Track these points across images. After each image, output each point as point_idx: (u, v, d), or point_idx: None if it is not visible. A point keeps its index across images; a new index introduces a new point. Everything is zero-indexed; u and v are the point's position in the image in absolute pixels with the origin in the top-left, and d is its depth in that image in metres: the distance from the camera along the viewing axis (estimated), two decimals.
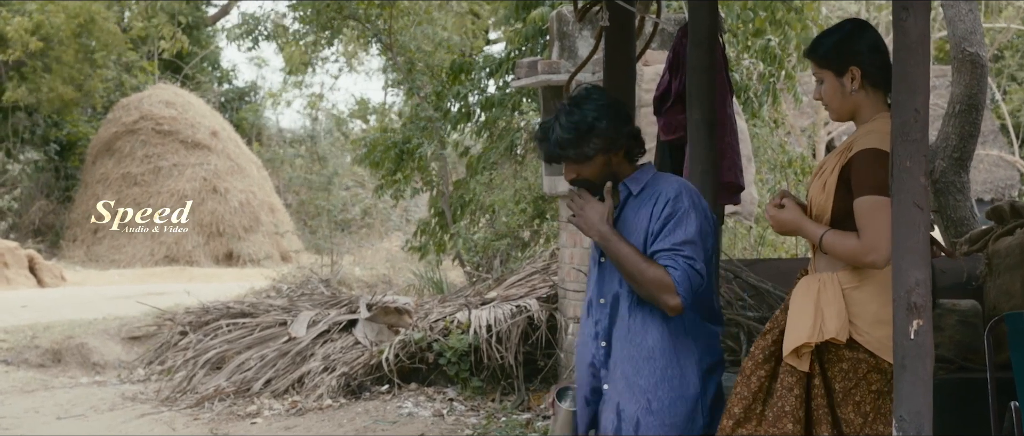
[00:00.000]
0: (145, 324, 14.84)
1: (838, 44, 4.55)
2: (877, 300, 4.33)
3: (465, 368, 11.37)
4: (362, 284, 18.13)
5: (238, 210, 31.57)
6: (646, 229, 4.59)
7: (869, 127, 4.46)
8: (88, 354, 14.15)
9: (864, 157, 4.34)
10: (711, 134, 6.23)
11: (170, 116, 32.39)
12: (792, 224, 4.58)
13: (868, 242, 4.27)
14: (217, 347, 12.60)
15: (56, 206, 33.02)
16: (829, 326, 4.37)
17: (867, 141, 4.37)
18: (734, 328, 8.25)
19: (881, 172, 4.23)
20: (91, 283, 25.75)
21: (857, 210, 4.32)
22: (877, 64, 4.51)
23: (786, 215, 4.59)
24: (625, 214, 4.70)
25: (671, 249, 4.50)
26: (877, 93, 4.52)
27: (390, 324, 12.06)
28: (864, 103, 4.53)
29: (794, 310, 4.52)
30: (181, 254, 30.46)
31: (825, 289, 4.44)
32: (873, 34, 4.58)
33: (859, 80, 4.51)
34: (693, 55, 6.17)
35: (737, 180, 6.73)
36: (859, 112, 4.55)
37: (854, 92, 4.52)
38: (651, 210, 4.60)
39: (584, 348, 4.80)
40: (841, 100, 4.57)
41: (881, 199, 4.22)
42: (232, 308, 13.71)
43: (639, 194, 4.69)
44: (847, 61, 4.52)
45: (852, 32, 4.56)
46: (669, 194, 4.59)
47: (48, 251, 30.63)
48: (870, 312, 4.35)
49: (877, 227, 4.24)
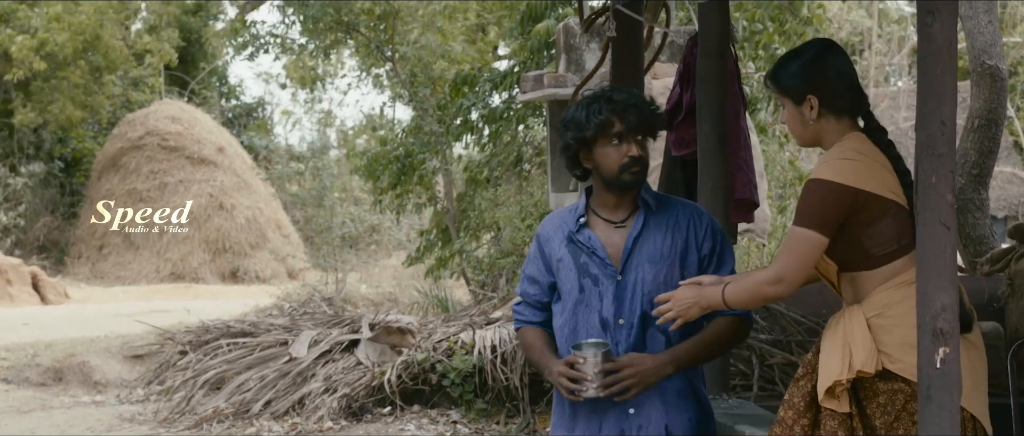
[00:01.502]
0: (147, 343, 14.77)
1: (796, 71, 4.32)
2: (904, 323, 4.08)
3: (469, 390, 11.13)
4: (367, 302, 18.03)
5: (244, 227, 31.47)
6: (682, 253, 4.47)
7: (827, 155, 4.25)
8: (90, 373, 14.06)
9: (807, 188, 4.16)
10: (723, 148, 5.95)
11: (176, 132, 32.32)
12: (691, 298, 4.30)
13: (776, 271, 4.13)
14: (217, 367, 12.43)
15: (61, 222, 32.96)
16: (857, 358, 4.14)
17: (817, 171, 4.18)
18: (746, 351, 8.02)
19: (819, 204, 4.07)
20: (95, 300, 25.66)
21: (785, 239, 4.18)
22: (839, 91, 4.27)
23: (683, 294, 4.32)
24: (650, 232, 4.50)
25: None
26: (841, 120, 4.28)
27: (393, 344, 11.88)
28: (825, 131, 4.29)
29: (824, 350, 4.28)
30: (187, 271, 30.38)
31: (850, 322, 4.21)
32: (837, 58, 4.33)
33: (817, 109, 4.27)
34: (703, 65, 5.89)
35: (751, 197, 6.46)
36: (822, 139, 4.32)
37: (813, 121, 4.28)
38: (689, 237, 4.49)
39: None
40: (801, 128, 4.35)
41: (807, 233, 4.08)
42: (232, 327, 13.57)
43: (657, 210, 4.51)
44: (805, 90, 4.28)
45: (814, 58, 4.32)
46: (703, 223, 4.52)
47: (53, 268, 30.53)
48: (898, 337, 4.11)
49: (789, 257, 4.11)
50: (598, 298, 4.48)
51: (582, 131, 4.41)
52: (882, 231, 4.13)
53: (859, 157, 4.17)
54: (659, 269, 4.44)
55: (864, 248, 4.15)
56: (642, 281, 4.44)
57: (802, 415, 4.33)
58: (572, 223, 4.54)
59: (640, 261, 4.45)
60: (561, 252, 4.53)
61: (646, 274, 4.43)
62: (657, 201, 4.53)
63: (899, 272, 4.16)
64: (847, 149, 4.19)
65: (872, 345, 4.13)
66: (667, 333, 4.42)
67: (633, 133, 4.39)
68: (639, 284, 4.44)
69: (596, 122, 4.37)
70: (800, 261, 4.10)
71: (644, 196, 4.50)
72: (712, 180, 5.97)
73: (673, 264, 4.44)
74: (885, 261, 4.16)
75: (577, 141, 4.44)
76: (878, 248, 4.15)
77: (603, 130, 4.38)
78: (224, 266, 31.00)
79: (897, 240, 4.13)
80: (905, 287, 4.10)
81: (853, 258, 4.19)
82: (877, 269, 4.17)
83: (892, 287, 4.16)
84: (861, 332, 4.15)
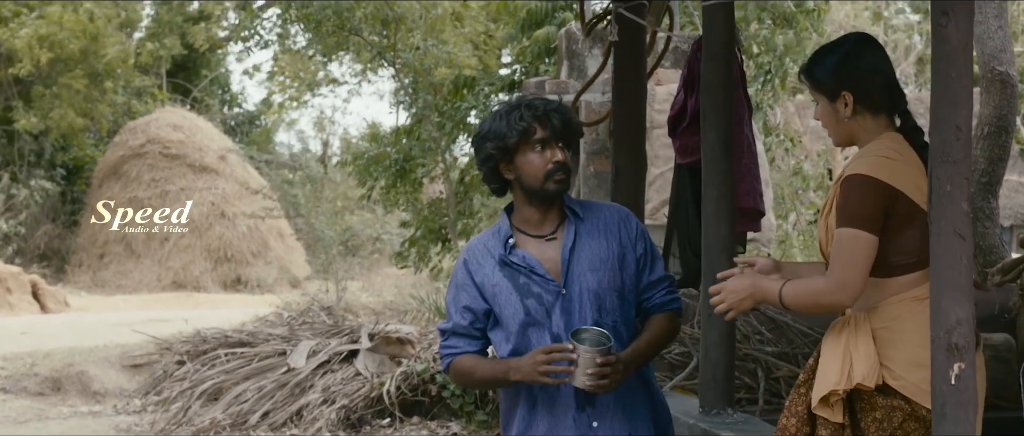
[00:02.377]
0: (146, 352, 14.69)
1: (831, 66, 4.17)
2: (913, 340, 3.95)
3: (469, 401, 11.05)
4: (368, 311, 17.93)
5: (246, 235, 31.37)
6: (620, 255, 4.40)
7: (864, 150, 4.09)
8: (88, 382, 13.98)
9: (846, 184, 4.00)
10: (727, 155, 5.77)
11: (177, 139, 32.23)
12: (746, 291, 4.16)
13: (836, 279, 3.93)
14: (214, 377, 12.35)
15: (62, 230, 32.87)
16: (857, 370, 3.99)
17: (855, 166, 4.02)
18: (751, 364, 7.87)
19: (861, 201, 3.91)
20: (95, 309, 25.53)
21: (833, 243, 3.98)
22: (876, 87, 4.12)
23: (736, 283, 4.19)
24: (584, 239, 4.39)
25: (661, 279, 4.48)
26: (877, 118, 4.13)
27: (392, 355, 11.81)
28: (860, 129, 4.14)
29: (824, 356, 4.14)
30: (188, 280, 30.31)
31: (854, 330, 4.05)
32: (874, 53, 4.18)
33: (853, 106, 4.11)
34: (708, 69, 5.72)
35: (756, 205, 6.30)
36: (857, 138, 4.17)
37: (848, 118, 4.13)
38: (623, 238, 4.43)
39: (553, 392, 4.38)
40: (835, 126, 4.20)
41: (857, 233, 3.91)
42: (230, 337, 13.47)
43: (585, 218, 4.43)
44: (840, 85, 4.13)
45: (850, 52, 4.17)
46: (632, 224, 4.47)
47: (53, 276, 30.46)
48: (904, 354, 3.97)
49: (845, 262, 3.91)
50: (546, 315, 4.35)
51: (504, 140, 4.31)
52: (908, 239, 3.98)
53: (897, 156, 4.03)
54: (601, 275, 4.34)
55: (884, 254, 3.99)
56: (587, 290, 4.34)
57: (805, 423, 4.20)
58: (500, 246, 4.42)
59: (581, 271, 4.35)
60: (495, 278, 4.38)
61: (589, 282, 4.34)
62: (582, 208, 4.45)
63: (914, 285, 4.02)
64: (885, 147, 4.04)
65: (875, 358, 3.99)
66: (621, 337, 4.34)
67: (556, 138, 4.31)
68: (584, 293, 4.34)
69: (518, 129, 4.28)
70: (856, 265, 3.93)
71: (569, 205, 4.42)
72: (717, 188, 5.79)
73: (613, 268, 4.36)
74: (902, 272, 4.01)
75: (498, 150, 4.33)
76: (899, 257, 4.00)
77: (525, 137, 4.29)
78: (226, 274, 30.92)
79: (918, 252, 3.97)
80: (918, 302, 3.97)
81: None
82: (893, 279, 4.02)
83: (905, 300, 4.01)
84: (865, 343, 4.01)
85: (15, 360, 15.73)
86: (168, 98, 36.19)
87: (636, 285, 4.43)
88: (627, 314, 4.41)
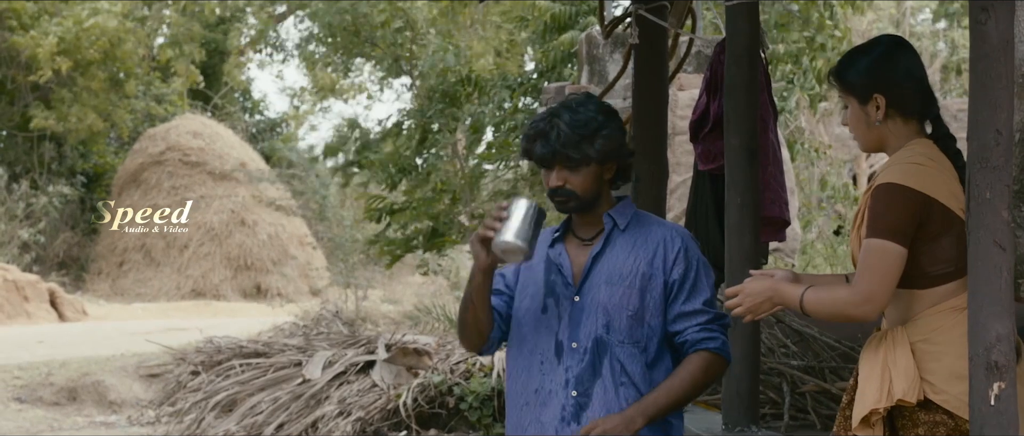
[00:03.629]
0: (162, 362, 14.63)
1: (863, 68, 4.02)
2: (952, 351, 3.79)
3: (487, 413, 10.91)
4: (388, 320, 17.91)
5: (266, 243, 31.32)
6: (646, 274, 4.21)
7: (894, 158, 3.94)
8: (104, 392, 14.03)
9: (878, 194, 3.84)
10: (752, 162, 5.55)
11: (198, 147, 32.18)
12: (764, 293, 4.03)
13: (861, 291, 3.79)
14: (228, 389, 12.25)
15: (81, 239, 32.87)
16: (897, 386, 3.85)
17: (886, 175, 3.86)
18: (776, 378, 7.67)
19: (892, 211, 3.77)
20: (114, 318, 25.52)
21: (861, 253, 3.83)
22: (909, 92, 3.98)
23: (754, 285, 4.05)
24: (613, 251, 4.24)
25: (701, 311, 4.19)
26: (908, 123, 3.99)
27: (409, 366, 11.70)
28: (891, 134, 4.00)
29: (862, 374, 3.99)
30: (208, 288, 30.25)
31: (892, 346, 3.91)
32: (908, 56, 4.03)
33: (884, 109, 3.96)
34: (731, 72, 5.50)
35: (782, 214, 6.08)
36: (886, 144, 4.02)
37: (879, 123, 3.98)
38: (656, 257, 4.23)
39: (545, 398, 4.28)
40: (865, 130, 4.05)
41: (886, 244, 3.77)
42: (245, 348, 13.35)
43: (626, 229, 4.26)
44: (872, 88, 3.98)
45: (883, 54, 4.02)
46: (675, 244, 4.24)
47: (72, 284, 30.42)
48: (945, 366, 3.82)
49: (872, 275, 3.77)
50: (557, 319, 4.26)
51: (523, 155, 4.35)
52: (943, 249, 3.83)
53: (929, 163, 3.87)
54: (615, 291, 4.19)
55: (920, 265, 3.85)
56: (598, 303, 4.20)
57: None
58: (549, 238, 4.35)
59: (598, 282, 4.22)
60: (535, 265, 4.33)
61: (602, 296, 4.20)
62: (629, 219, 4.29)
63: (952, 295, 3.86)
64: (916, 154, 3.88)
65: (915, 372, 3.84)
66: (622, 361, 4.18)
67: (546, 164, 4.22)
68: (596, 306, 4.20)
69: (522, 149, 4.29)
70: (883, 277, 3.78)
71: (611, 213, 4.27)
72: (740, 196, 5.58)
73: (632, 286, 4.19)
74: (939, 282, 3.85)
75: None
76: (935, 267, 3.84)
77: (528, 157, 4.27)
78: (246, 283, 30.88)
79: (955, 261, 3.81)
80: (957, 312, 3.81)
81: (906, 274, 3.87)
82: (929, 289, 3.87)
83: (943, 311, 3.85)
84: (904, 358, 3.86)
85: (31, 369, 15.64)
86: (188, 105, 36.19)
87: (664, 312, 4.23)
88: (644, 339, 4.21)
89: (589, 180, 4.20)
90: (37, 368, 15.71)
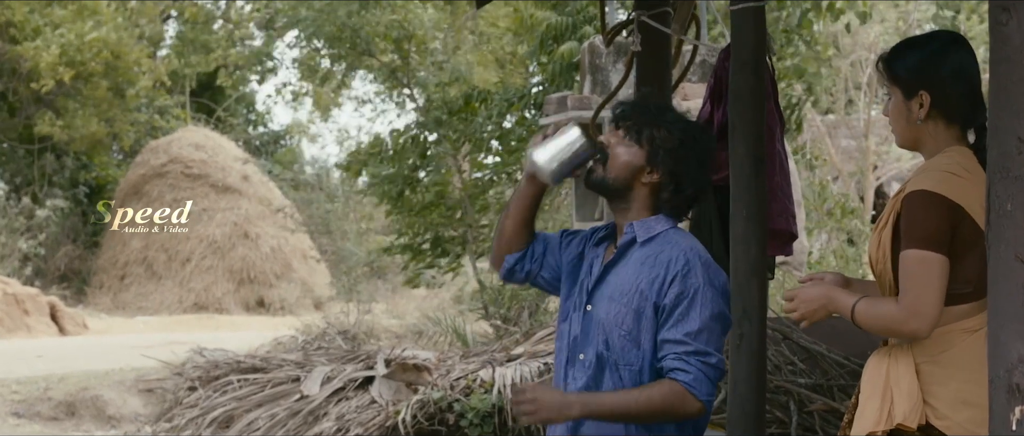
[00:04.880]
0: (161, 377, 14.60)
1: (912, 61, 3.83)
2: (959, 376, 3.64)
3: (488, 430, 10.73)
4: (390, 335, 17.87)
5: (269, 256, 31.20)
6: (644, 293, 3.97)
7: (929, 164, 3.78)
8: (103, 407, 14.03)
9: (911, 201, 3.68)
10: (758, 172, 5.34)
11: (200, 159, 32.10)
12: (819, 300, 3.86)
13: (907, 306, 3.61)
14: (225, 404, 12.05)
15: (83, 251, 32.77)
16: (899, 409, 3.69)
17: (918, 181, 3.70)
18: (783, 397, 7.54)
19: (927, 219, 3.61)
20: (115, 331, 25.50)
21: (899, 267, 3.65)
22: (957, 94, 3.79)
23: (809, 292, 3.88)
24: (624, 265, 4.03)
25: (680, 342, 3.89)
26: (950, 127, 3.81)
27: (408, 382, 11.56)
28: (929, 135, 3.83)
29: (863, 393, 3.84)
30: (210, 301, 30.13)
31: (896, 365, 3.74)
32: (963, 57, 3.84)
33: (927, 108, 3.78)
34: (736, 79, 5.30)
35: (789, 227, 5.87)
36: (923, 144, 3.86)
37: (920, 121, 3.81)
38: (656, 277, 3.97)
39: None
40: (904, 125, 3.87)
41: (925, 254, 3.60)
42: (243, 363, 13.17)
43: (645, 244, 4.01)
44: (918, 83, 3.80)
45: (937, 51, 3.82)
46: (677, 265, 3.95)
47: (74, 297, 30.36)
48: (950, 391, 3.65)
49: (916, 287, 3.59)
50: (576, 323, 4.10)
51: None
52: (967, 267, 3.64)
53: (964, 173, 3.68)
54: (614, 307, 3.99)
55: None
56: (601, 317, 4.01)
57: None
58: (599, 234, 4.23)
59: (605, 294, 4.02)
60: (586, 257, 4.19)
61: (605, 310, 4.00)
62: (653, 234, 4.05)
63: (965, 316, 3.68)
64: (954, 163, 3.70)
65: (918, 395, 3.69)
66: (623, 381, 3.97)
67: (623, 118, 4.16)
68: (599, 320, 4.02)
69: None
70: (927, 288, 3.61)
71: (636, 224, 4.05)
72: (746, 209, 5.37)
73: (629, 306, 3.98)
74: (954, 302, 3.66)
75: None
76: (954, 286, 3.65)
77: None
78: (249, 296, 30.77)
79: (975, 282, 3.61)
80: (968, 334, 3.65)
81: None
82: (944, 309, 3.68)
83: (953, 332, 3.67)
84: (907, 378, 3.70)
85: (29, 384, 15.62)
86: (191, 117, 36.18)
87: (655, 337, 3.97)
88: (639, 363, 3.98)
89: (623, 166, 4.04)
90: (36, 382, 15.70)
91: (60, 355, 19.28)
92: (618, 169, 4.02)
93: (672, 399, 3.88)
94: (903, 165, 24.25)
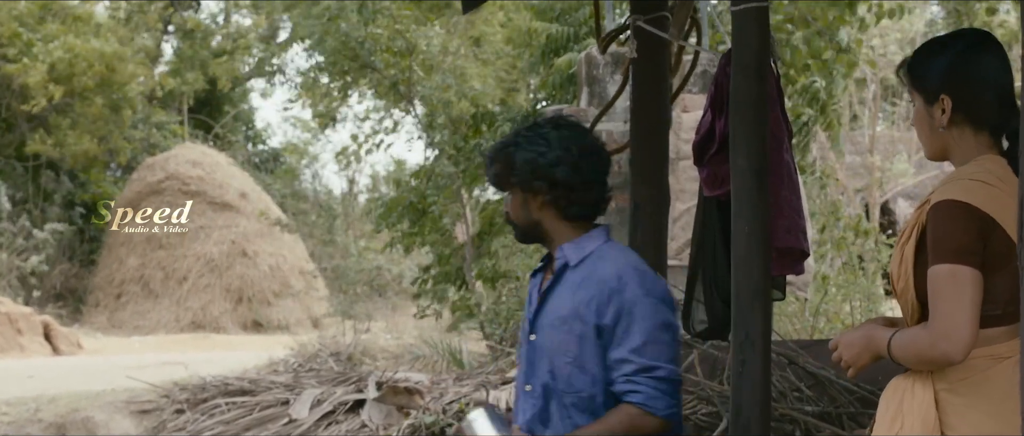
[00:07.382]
0: (153, 398, 14.38)
1: (934, 65, 3.52)
2: (981, 406, 3.31)
3: None
4: (386, 355, 17.67)
5: (268, 275, 31.02)
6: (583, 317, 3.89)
7: (957, 172, 3.45)
8: (93, 428, 13.55)
9: (937, 212, 3.33)
10: (761, 185, 4.95)
11: (197, 176, 31.95)
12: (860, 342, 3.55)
13: (937, 328, 3.27)
14: (212, 428, 11.94)
15: (79, 270, 32.61)
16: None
17: (945, 190, 3.36)
18: (788, 425, 7.21)
19: (956, 231, 3.26)
20: (109, 351, 25.25)
21: (928, 286, 3.31)
22: (984, 99, 3.45)
23: (850, 336, 3.60)
24: (560, 289, 3.96)
25: (626, 360, 3.86)
26: (979, 135, 3.46)
27: (400, 405, 11.38)
28: (956, 143, 3.49)
29: (877, 423, 3.55)
30: (207, 321, 29.92)
31: (912, 391, 3.42)
32: (991, 58, 3.50)
33: (950, 114, 3.45)
34: (738, 85, 4.91)
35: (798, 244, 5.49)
36: (951, 153, 3.52)
37: (943, 128, 3.48)
38: (592, 298, 3.91)
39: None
40: (929, 134, 3.55)
41: (955, 268, 3.24)
42: (231, 385, 13.05)
43: (578, 266, 3.95)
44: (940, 88, 3.47)
45: (961, 52, 3.49)
46: (611, 282, 3.89)
47: (70, 317, 30.24)
48: (970, 423, 3.33)
49: (945, 305, 3.24)
50: (523, 356, 4.06)
51: None
52: (995, 286, 3.28)
53: (996, 183, 3.32)
54: (555, 335, 3.92)
55: None
56: (546, 345, 3.93)
57: None
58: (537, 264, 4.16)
59: (545, 322, 3.95)
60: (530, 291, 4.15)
61: (548, 338, 3.94)
62: (585, 255, 3.98)
63: (993, 341, 3.34)
64: (985, 171, 3.35)
65: (936, 424, 3.37)
66: (570, 411, 3.90)
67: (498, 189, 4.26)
68: (544, 349, 3.95)
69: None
70: (958, 306, 3.26)
71: (565, 247, 3.99)
72: (748, 224, 4.98)
73: (571, 332, 3.90)
74: (983, 325, 3.32)
75: None
76: (985, 306, 3.31)
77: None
78: (246, 315, 30.58)
79: (1006, 305, 3.28)
80: (995, 361, 3.31)
81: None
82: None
83: (979, 358, 3.33)
84: (924, 407, 3.39)
85: (19, 405, 15.26)
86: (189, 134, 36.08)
87: (602, 359, 3.87)
88: (588, 389, 3.87)
89: (516, 206, 4.01)
90: (26, 403, 15.38)
91: (52, 375, 19.03)
92: (515, 218, 4.04)
93: (630, 423, 3.84)
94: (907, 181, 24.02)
